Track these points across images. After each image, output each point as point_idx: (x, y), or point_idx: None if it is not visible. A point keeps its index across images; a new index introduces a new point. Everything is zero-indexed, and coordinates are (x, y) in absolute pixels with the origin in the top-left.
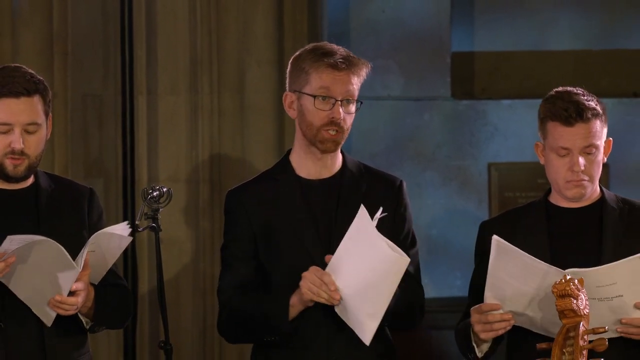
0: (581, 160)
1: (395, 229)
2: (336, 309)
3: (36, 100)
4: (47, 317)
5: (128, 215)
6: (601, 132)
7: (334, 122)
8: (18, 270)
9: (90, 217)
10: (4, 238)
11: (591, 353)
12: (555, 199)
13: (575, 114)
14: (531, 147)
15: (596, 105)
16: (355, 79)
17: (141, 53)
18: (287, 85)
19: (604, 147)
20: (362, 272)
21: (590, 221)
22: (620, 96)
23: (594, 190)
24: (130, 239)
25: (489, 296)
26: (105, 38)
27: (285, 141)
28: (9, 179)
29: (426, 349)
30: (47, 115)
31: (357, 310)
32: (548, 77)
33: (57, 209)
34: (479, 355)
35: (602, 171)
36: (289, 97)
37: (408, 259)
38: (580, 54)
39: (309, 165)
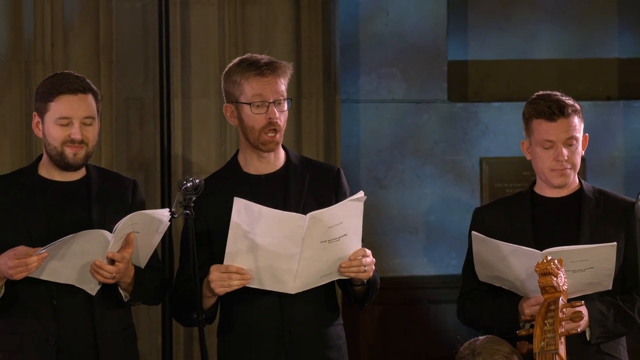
0: (564, 151)
1: None
2: (251, 285)
3: (90, 97)
4: (91, 287)
5: (165, 203)
6: (579, 127)
7: (271, 123)
8: (55, 264)
9: (134, 205)
10: (61, 224)
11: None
12: (540, 189)
13: (558, 110)
14: (517, 144)
15: (574, 103)
16: (282, 79)
17: (177, 61)
18: (224, 98)
19: (582, 141)
20: (264, 242)
21: (570, 209)
22: (595, 99)
23: (573, 181)
24: (168, 224)
25: (481, 273)
26: (146, 48)
27: (302, 138)
28: (68, 167)
29: (425, 321)
30: (98, 112)
31: (271, 273)
32: (532, 83)
33: (105, 199)
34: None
35: (580, 165)
36: (229, 109)
37: (305, 216)
38: (560, 62)
39: (255, 163)
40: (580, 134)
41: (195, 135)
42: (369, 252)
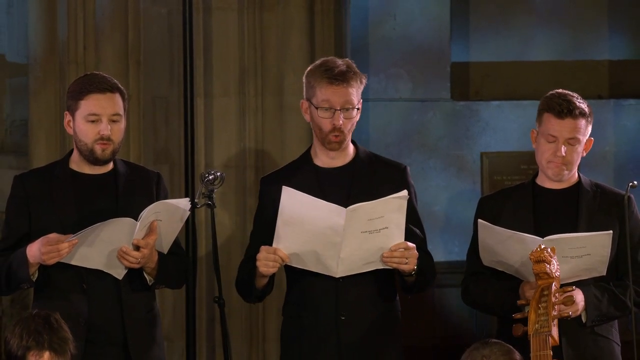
0: (563, 148)
1: None
2: (298, 265)
3: (117, 96)
4: (118, 272)
5: (189, 194)
6: (585, 130)
7: (336, 128)
8: (85, 250)
9: (158, 196)
10: (90, 213)
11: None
12: (541, 181)
13: (567, 110)
14: (516, 139)
15: (585, 107)
16: (352, 89)
17: (199, 63)
18: (304, 93)
19: (586, 143)
20: (309, 229)
21: (568, 200)
22: (587, 98)
23: (572, 175)
24: (189, 212)
25: (485, 258)
26: (171, 51)
27: None
28: (97, 161)
29: (430, 303)
30: (125, 110)
31: (316, 257)
32: (529, 83)
33: (131, 190)
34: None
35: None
36: (304, 104)
37: (344, 209)
38: (554, 63)
39: (324, 157)
40: (583, 137)
41: (216, 131)
42: (412, 245)
